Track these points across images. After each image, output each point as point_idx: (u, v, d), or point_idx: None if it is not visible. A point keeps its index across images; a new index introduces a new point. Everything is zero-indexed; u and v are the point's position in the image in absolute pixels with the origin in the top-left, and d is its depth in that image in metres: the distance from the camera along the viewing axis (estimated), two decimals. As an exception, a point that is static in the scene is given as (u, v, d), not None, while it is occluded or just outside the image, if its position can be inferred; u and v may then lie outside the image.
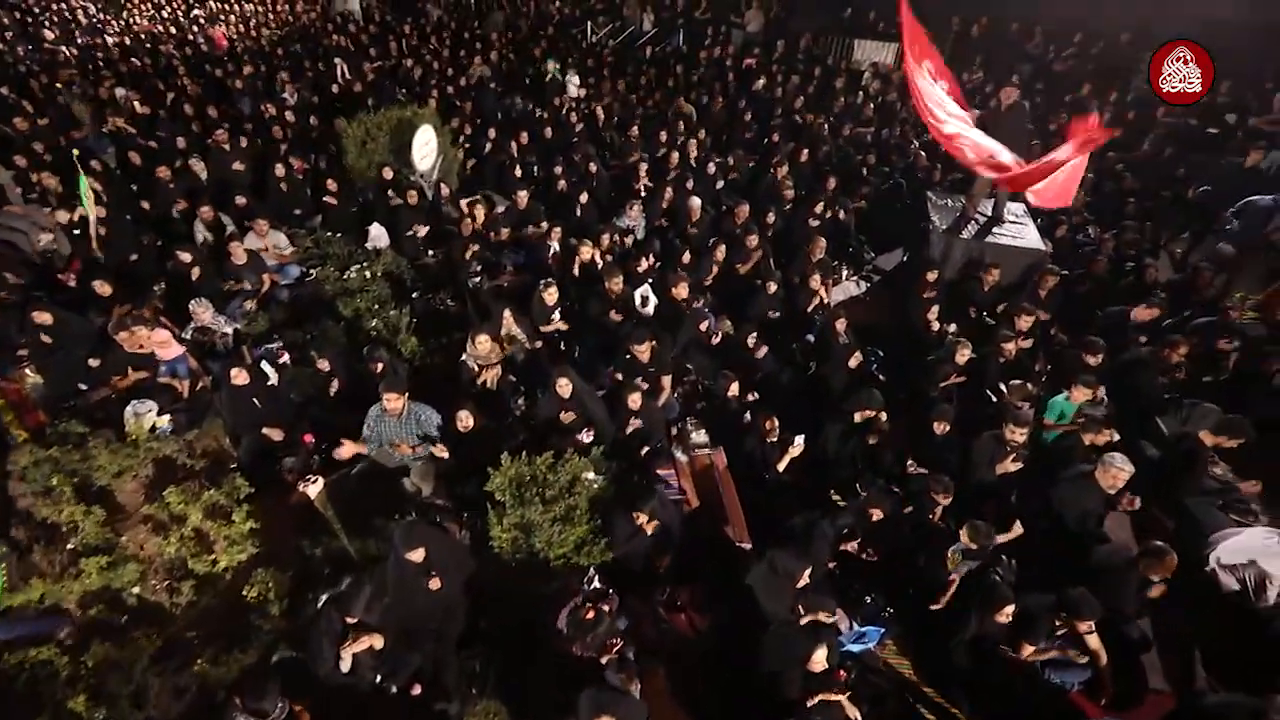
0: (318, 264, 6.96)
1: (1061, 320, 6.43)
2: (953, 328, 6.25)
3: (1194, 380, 5.77)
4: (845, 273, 7.48)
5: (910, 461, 4.98)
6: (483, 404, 5.03)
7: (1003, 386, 5.48)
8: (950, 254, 6.63)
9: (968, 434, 4.80)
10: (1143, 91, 11.19)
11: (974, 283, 6.41)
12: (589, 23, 15.28)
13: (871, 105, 10.72)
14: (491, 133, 9.53)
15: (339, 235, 7.33)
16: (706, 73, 12.54)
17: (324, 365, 4.87)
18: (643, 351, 4.98)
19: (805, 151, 9.01)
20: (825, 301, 6.50)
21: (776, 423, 4.50)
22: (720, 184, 8.50)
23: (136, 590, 3.68)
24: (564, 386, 4.52)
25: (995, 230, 6.64)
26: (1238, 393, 5.65)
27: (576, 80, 11.61)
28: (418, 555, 3.42)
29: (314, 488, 4.45)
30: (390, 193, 7.48)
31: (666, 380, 5.17)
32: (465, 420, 4.29)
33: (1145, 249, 7.75)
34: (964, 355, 5.33)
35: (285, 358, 5.61)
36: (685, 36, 14.50)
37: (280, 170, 7.77)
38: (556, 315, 5.84)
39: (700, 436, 5.02)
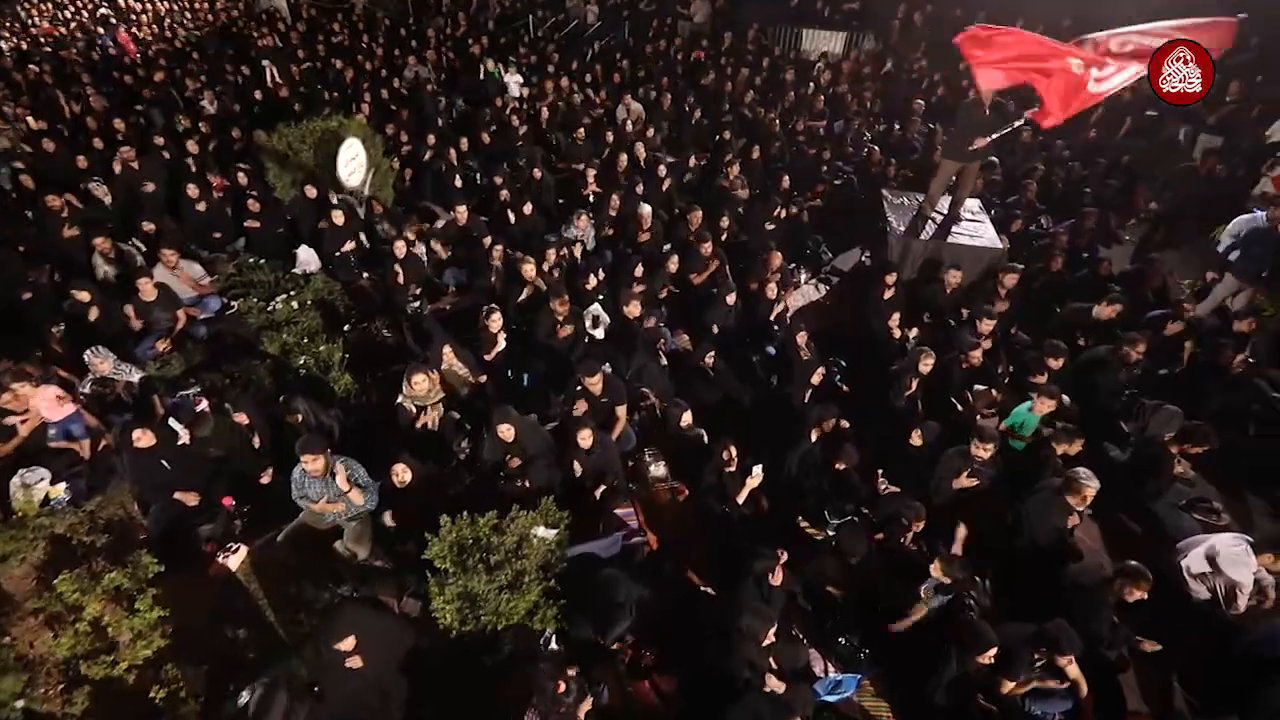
0: (241, 293, 6.41)
1: (1021, 317, 6.35)
2: (914, 332, 6.13)
3: (1151, 373, 5.77)
4: (804, 276, 7.27)
5: (882, 479, 4.81)
6: (424, 448, 4.65)
7: (968, 394, 5.35)
8: (909, 255, 6.48)
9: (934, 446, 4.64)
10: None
11: (935, 285, 6.27)
12: (531, 17, 14.68)
13: (822, 98, 10.52)
14: (430, 139, 8.98)
15: (264, 260, 6.77)
16: (653, 67, 12.15)
17: (241, 419, 4.40)
18: (594, 384, 4.65)
19: (757, 149, 8.74)
20: (785, 311, 6.29)
21: (735, 452, 4.24)
22: (670, 184, 8.17)
23: (21, 704, 3.21)
24: (505, 431, 4.16)
25: (953, 229, 6.50)
26: (1194, 385, 5.68)
27: (518, 79, 11.09)
28: (347, 644, 3.05)
29: (235, 558, 4.04)
30: (318, 212, 6.94)
31: (621, 410, 4.86)
32: (402, 474, 3.90)
33: (1098, 238, 7.80)
34: (927, 364, 5.16)
35: (204, 405, 5.10)
36: (630, 29, 14.06)
37: (195, 190, 7.12)
38: (502, 342, 5.45)
39: (659, 469, 4.74)
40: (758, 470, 4.13)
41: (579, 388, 4.74)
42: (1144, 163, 9.05)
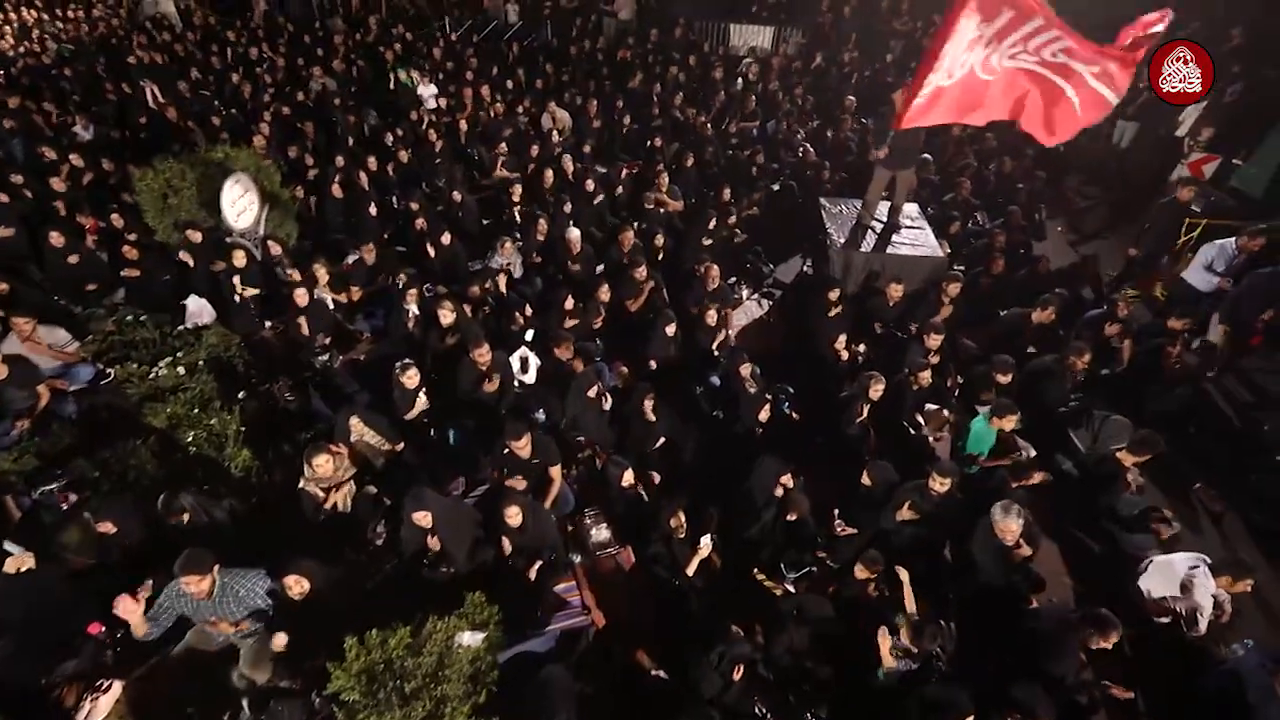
0: (120, 357, 5.63)
1: (966, 323, 6.23)
2: (862, 348, 5.92)
3: (1092, 374, 5.72)
4: (745, 291, 6.97)
5: (838, 520, 4.55)
6: (333, 535, 4.13)
7: (919, 416, 5.15)
8: (850, 268, 6.25)
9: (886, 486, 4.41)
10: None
11: (879, 297, 6.07)
12: (446, 19, 13.87)
13: (753, 97, 10.24)
14: (339, 160, 8.24)
15: (147, 315, 5.98)
16: (579, 70, 11.62)
17: (107, 528, 3.76)
18: (521, 447, 4.21)
19: (691, 156, 8.39)
20: (728, 337, 5.98)
21: (683, 519, 3.88)
22: (601, 199, 7.73)
23: None
24: (422, 519, 3.68)
25: (893, 239, 6.31)
26: (1136, 386, 5.67)
27: (433, 89, 10.38)
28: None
29: (107, 698, 3.43)
30: (210, 255, 6.19)
31: (555, 471, 4.43)
32: (298, 586, 3.37)
33: (1032, 232, 7.80)
34: (878, 390, 4.93)
35: (74, 498, 4.40)
36: (553, 29, 13.45)
37: (59, 238, 6.25)
38: (421, 400, 4.93)
39: (602, 533, 4.35)
40: (706, 542, 3.79)
41: (505, 451, 4.28)
42: (1071, 152, 9.16)
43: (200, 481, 4.55)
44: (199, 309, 6.08)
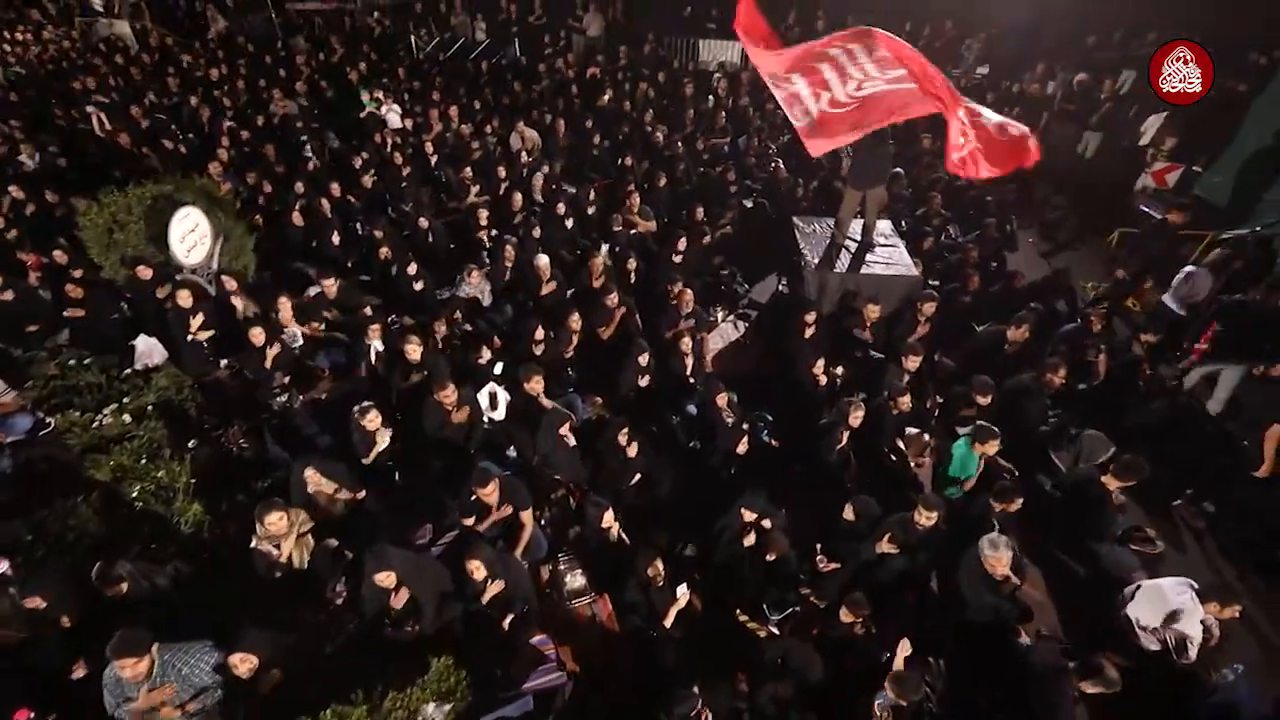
0: (62, 404, 5.31)
1: (942, 341, 6.18)
2: (840, 370, 5.82)
3: (1070, 389, 5.68)
4: (720, 313, 6.85)
5: (820, 555, 4.41)
6: (289, 595, 3.87)
7: (900, 442, 5.05)
8: (826, 289, 6.17)
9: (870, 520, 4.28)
10: (972, 79, 11.58)
11: (855, 318, 5.98)
12: (413, 37, 13.67)
13: (723, 113, 10.19)
14: (299, 187, 7.98)
15: (93, 358, 5.66)
16: (547, 88, 11.50)
17: (36, 604, 3.46)
18: (488, 494, 4.01)
19: (664, 176, 8.27)
20: (704, 362, 5.84)
21: (661, 567, 3.71)
22: (571, 223, 7.58)
23: None
24: (384, 579, 3.46)
25: (868, 258, 6.24)
26: (1113, 400, 5.64)
27: (398, 110, 10.16)
28: None
29: (35, 794, 3.13)
30: (158, 293, 5.90)
31: (527, 516, 4.23)
32: (245, 664, 3.12)
33: (1003, 245, 7.81)
34: (858, 417, 4.82)
35: (4, 566, 4.08)
36: (521, 46, 13.32)
37: (-3, 276, 5.92)
38: (383, 441, 4.69)
39: (577, 580, 4.15)
40: (683, 591, 3.62)
41: (473, 499, 4.07)
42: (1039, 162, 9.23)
43: (146, 539, 4.28)
44: (149, 349, 5.77)
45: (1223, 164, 8.15)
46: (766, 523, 4.04)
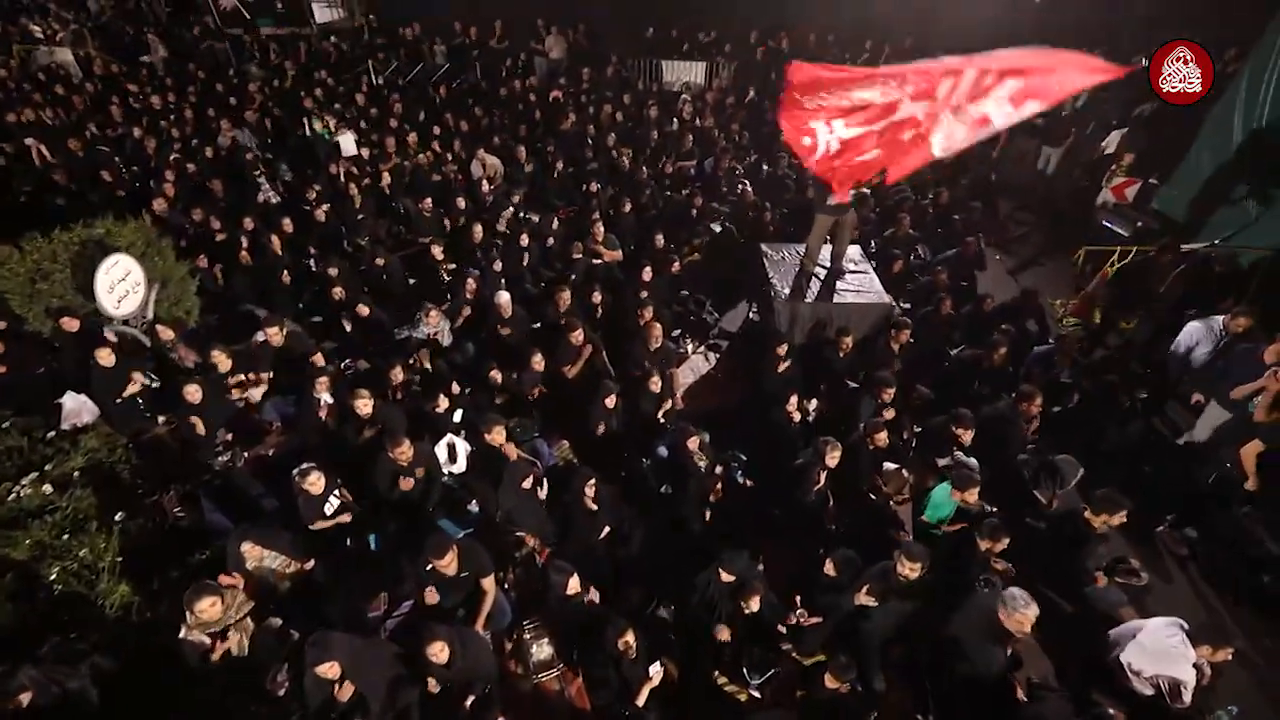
0: (-21, 472, 4.87)
1: (916, 367, 6.05)
2: (814, 404, 5.66)
3: (1045, 411, 5.59)
4: (690, 345, 6.65)
5: (800, 609, 4.19)
6: (228, 684, 3.52)
7: (879, 479, 4.89)
8: (797, 319, 6.02)
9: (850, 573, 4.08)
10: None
11: (828, 348, 5.83)
12: (370, 61, 13.36)
13: (690, 136, 10.08)
14: (248, 223, 7.61)
15: (13, 419, 5.23)
16: (509, 112, 11.28)
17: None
18: (446, 564, 3.71)
19: (629, 202, 8.10)
20: (674, 400, 5.63)
21: (633, 639, 3.45)
22: (533, 256, 7.33)
23: None
24: (328, 669, 3.14)
25: (838, 286, 6.11)
26: (1089, 424, 5.57)
27: (353, 137, 9.83)
28: None
29: None
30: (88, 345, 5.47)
31: (489, 583, 3.94)
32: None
33: (974, 263, 7.78)
34: (834, 457, 4.63)
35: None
36: (482, 70, 13.11)
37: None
38: (333, 503, 4.37)
39: (544, 651, 3.87)
40: (656, 669, 3.37)
41: (428, 569, 3.77)
42: (1000, 179, 9.31)
43: (65, 628, 3.89)
44: (78, 407, 5.35)
45: (1179, 179, 8.26)
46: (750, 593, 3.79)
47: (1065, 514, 4.45)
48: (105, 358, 5.09)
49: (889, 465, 4.99)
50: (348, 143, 9.72)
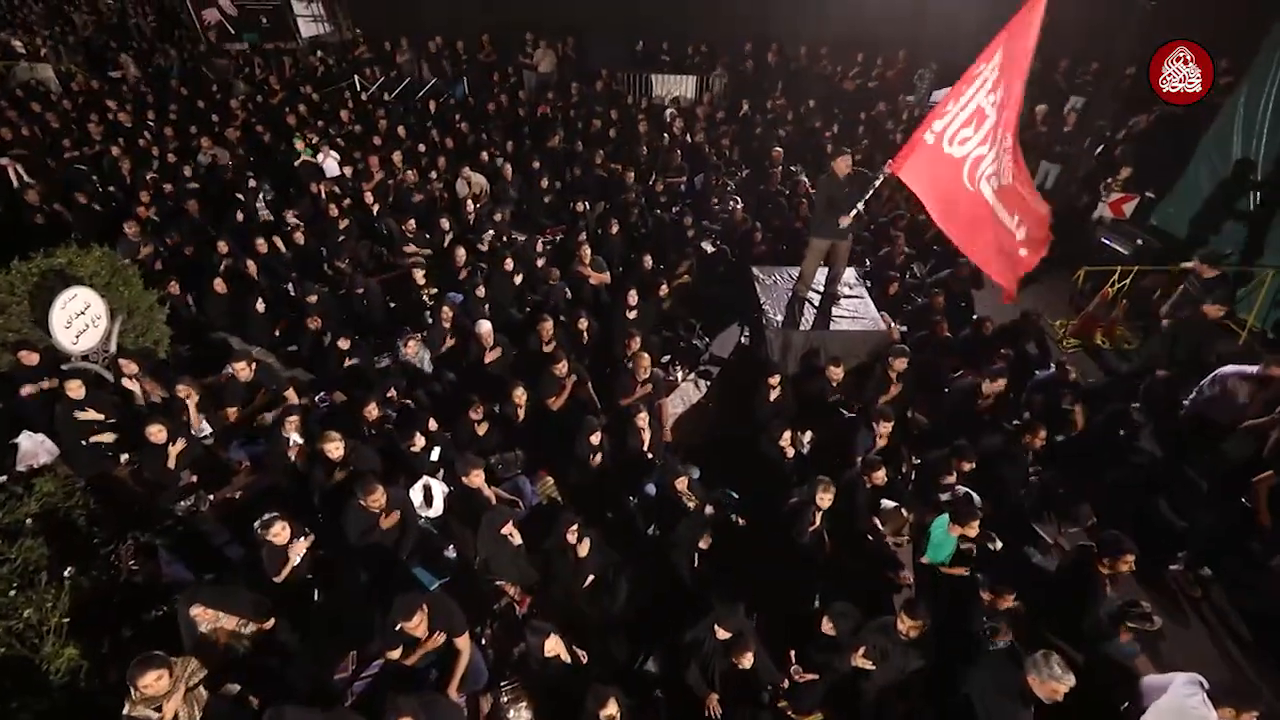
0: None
1: (913, 394, 5.84)
2: (808, 436, 5.43)
3: (1047, 441, 5.38)
4: (680, 372, 6.42)
5: (796, 665, 3.94)
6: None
7: (876, 521, 4.66)
8: (790, 348, 5.80)
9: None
10: (925, 107, 11.56)
11: (821, 378, 5.62)
12: (356, 77, 13.17)
13: (679, 152, 9.90)
14: (223, 246, 7.37)
15: (-34, 461, 4.97)
16: (496, 128, 11.09)
17: None
18: (415, 627, 3.46)
19: (616, 223, 7.88)
20: (662, 434, 5.40)
21: (616, 710, 3.19)
22: (519, 279, 7.11)
23: None
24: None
25: (833, 312, 5.90)
26: (1092, 454, 5.36)
27: (336, 156, 9.61)
28: None
29: None
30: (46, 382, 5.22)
31: (463, 642, 3.69)
32: None
33: (971, 281, 7.59)
34: (827, 499, 4.40)
35: None
36: (470, 85, 12.92)
37: None
38: (296, 555, 4.10)
39: (522, 716, 3.61)
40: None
41: (397, 629, 3.52)
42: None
43: (4, 697, 3.61)
44: (34, 448, 5.09)
45: (1177, 195, 8.13)
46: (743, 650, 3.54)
47: (1073, 561, 4.22)
48: (75, 390, 4.83)
49: (887, 503, 4.76)
50: (330, 165, 9.51)
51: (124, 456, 5.19)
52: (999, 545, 4.51)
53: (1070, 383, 5.61)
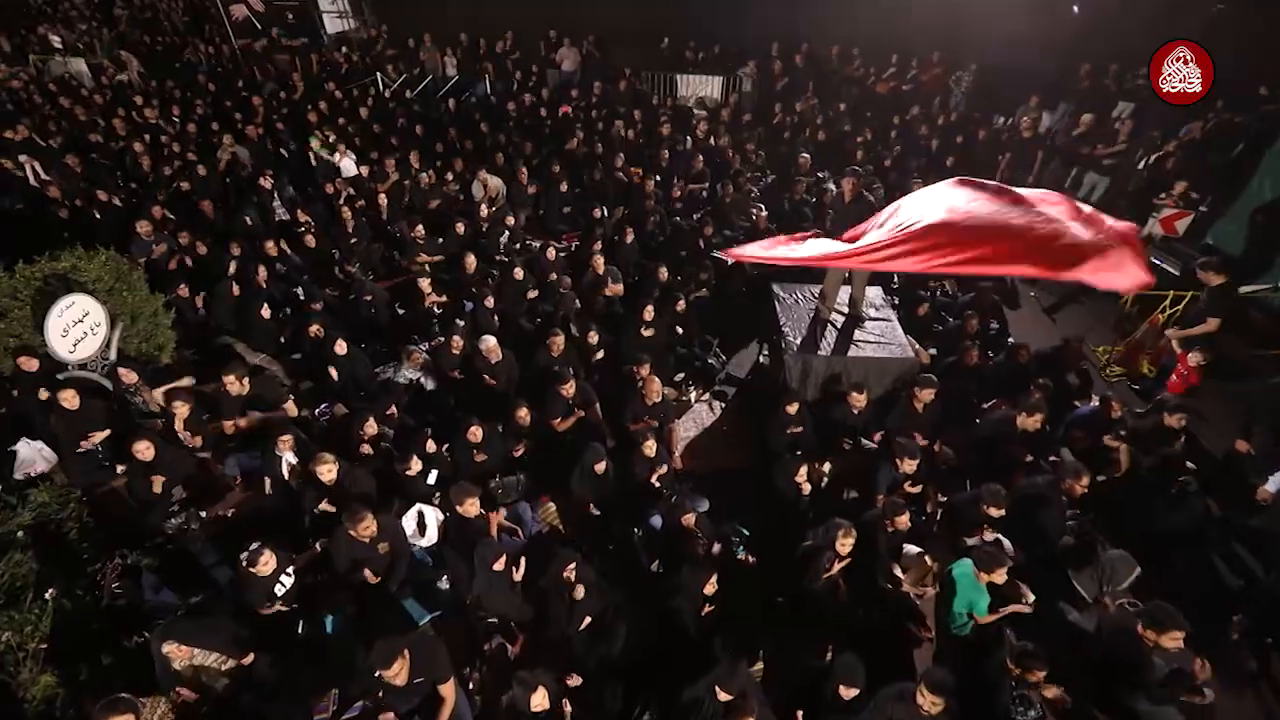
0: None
1: (940, 427, 5.46)
2: (826, 468, 5.10)
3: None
4: (693, 393, 6.12)
5: (804, 727, 3.64)
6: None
7: (896, 569, 4.32)
8: (809, 374, 5.45)
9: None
10: (962, 112, 11.04)
11: (841, 406, 5.27)
12: (379, 74, 13.07)
13: (701, 158, 9.55)
14: (235, 249, 7.27)
15: (-36, 468, 4.91)
16: (516, 128, 10.87)
17: None
18: (395, 674, 3.24)
19: (631, 232, 7.60)
20: (671, 463, 5.12)
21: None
22: (532, 293, 6.88)
23: None
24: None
25: (856, 336, 5.54)
26: (1138, 500, 4.94)
27: (353, 156, 9.49)
28: None
29: None
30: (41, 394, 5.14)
31: (448, 689, 3.47)
32: None
33: (1004, 300, 7.16)
34: (847, 544, 4.08)
35: None
36: (491, 84, 12.72)
37: None
38: (286, 582, 3.93)
39: (507, 774, 3.38)
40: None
41: (376, 675, 3.31)
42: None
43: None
44: (31, 456, 5.03)
45: (1237, 211, 7.55)
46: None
47: (1115, 626, 3.83)
48: (69, 400, 4.73)
49: (909, 547, 4.42)
50: (347, 165, 9.39)
51: (120, 468, 5.10)
52: (1031, 599, 4.15)
53: (1115, 419, 5.19)
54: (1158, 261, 7.43)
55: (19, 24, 16.95)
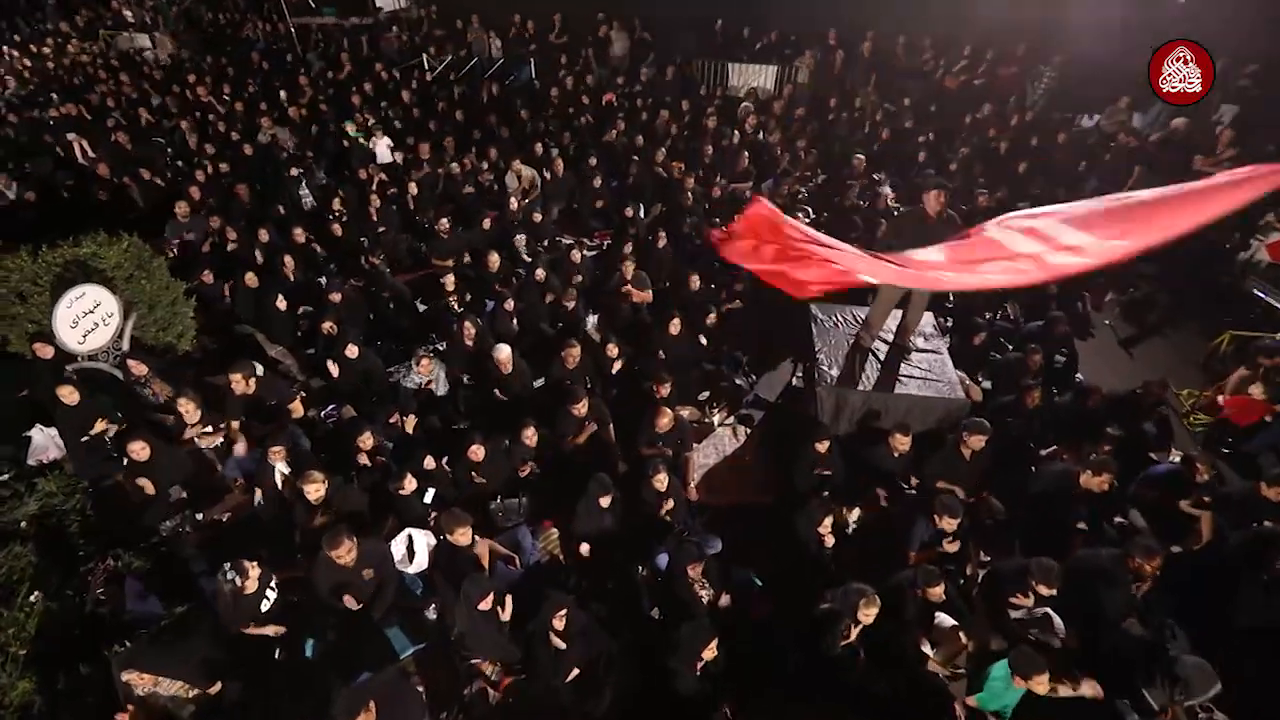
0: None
1: (990, 475, 4.87)
2: (855, 514, 4.63)
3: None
4: (717, 416, 5.69)
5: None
6: None
7: (925, 641, 3.84)
8: (844, 410, 4.95)
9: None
10: (1041, 110, 10.07)
11: (879, 447, 4.75)
12: (424, 55, 12.89)
13: (746, 154, 8.97)
14: (264, 235, 7.20)
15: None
16: (556, 115, 10.50)
17: None
18: (360, 729, 3.00)
19: (664, 236, 7.16)
20: (687, 492, 4.74)
21: None
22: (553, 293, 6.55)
23: None
24: None
25: (902, 369, 4.99)
26: (1222, 583, 4.26)
27: (388, 142, 9.32)
28: None
29: None
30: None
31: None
32: None
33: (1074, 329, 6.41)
34: (870, 614, 3.63)
35: None
36: (537, 66, 12.36)
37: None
38: (270, 597, 3.75)
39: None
40: None
41: (342, 728, 3.07)
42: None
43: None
44: (45, 443, 5.04)
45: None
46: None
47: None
48: (68, 395, 4.68)
49: (942, 618, 3.92)
50: (382, 150, 9.23)
51: (125, 460, 5.06)
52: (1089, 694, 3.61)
53: (1200, 483, 4.51)
54: (1261, 294, 6.54)
55: (94, -2, 17.54)
